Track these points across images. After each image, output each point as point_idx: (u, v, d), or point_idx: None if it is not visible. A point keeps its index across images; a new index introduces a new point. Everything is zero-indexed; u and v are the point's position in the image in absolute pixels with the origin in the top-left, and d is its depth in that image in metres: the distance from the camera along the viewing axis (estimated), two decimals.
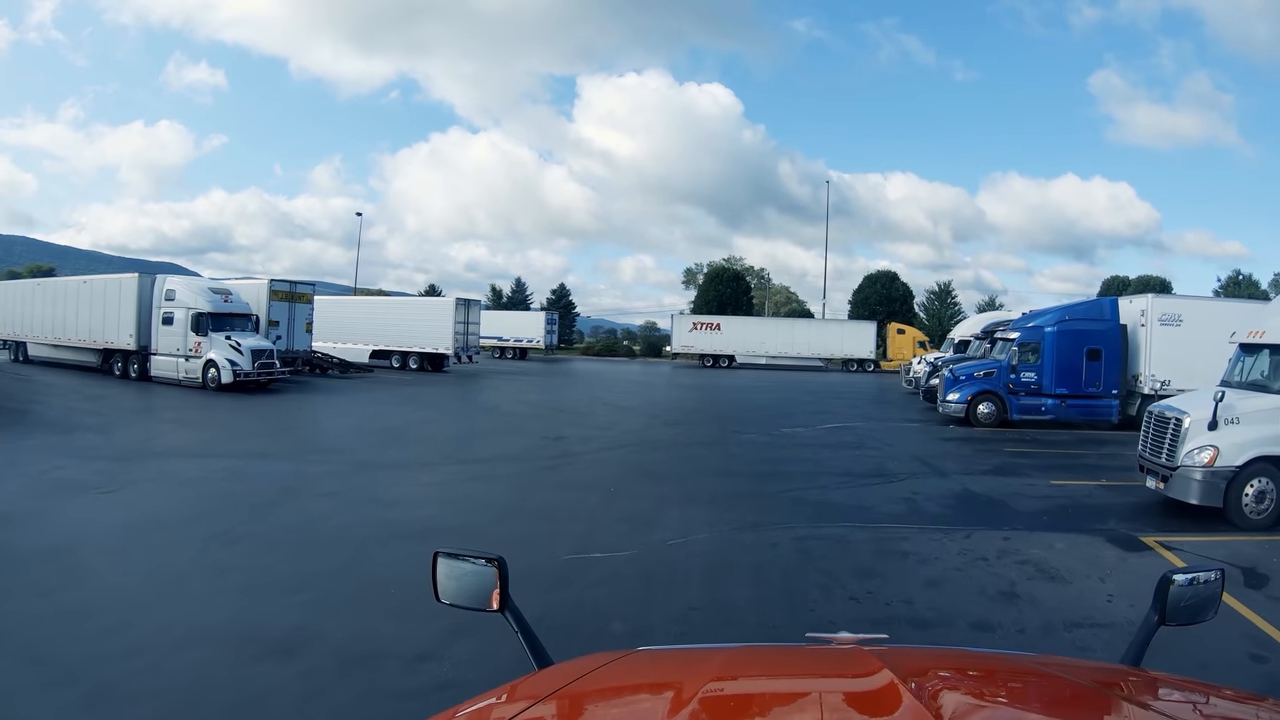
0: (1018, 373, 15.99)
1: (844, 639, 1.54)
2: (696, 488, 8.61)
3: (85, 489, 7.69)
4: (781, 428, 14.19)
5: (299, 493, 8.08)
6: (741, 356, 40.66)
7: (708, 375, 33.40)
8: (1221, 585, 1.58)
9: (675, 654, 1.60)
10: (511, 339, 44.05)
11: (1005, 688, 1.21)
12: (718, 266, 55.50)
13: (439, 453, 10.87)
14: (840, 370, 40.02)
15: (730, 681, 1.20)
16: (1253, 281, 52.10)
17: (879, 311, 47.93)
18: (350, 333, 32.13)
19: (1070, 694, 1.17)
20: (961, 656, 1.68)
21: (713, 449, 11.52)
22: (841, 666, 1.28)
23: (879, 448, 12.08)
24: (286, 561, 5.66)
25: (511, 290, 59.47)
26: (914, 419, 16.75)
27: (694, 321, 41.86)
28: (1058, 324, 16.22)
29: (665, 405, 18.26)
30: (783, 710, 1.09)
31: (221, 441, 11.84)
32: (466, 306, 30.07)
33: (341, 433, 13.08)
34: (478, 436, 12.48)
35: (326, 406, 16.95)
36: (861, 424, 15.22)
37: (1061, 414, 15.97)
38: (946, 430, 14.97)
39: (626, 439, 12.25)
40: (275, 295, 24.54)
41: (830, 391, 24.54)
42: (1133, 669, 1.39)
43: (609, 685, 1.22)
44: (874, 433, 13.92)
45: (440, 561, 1.60)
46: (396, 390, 20.97)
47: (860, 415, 16.93)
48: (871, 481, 9.33)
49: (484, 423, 14.67)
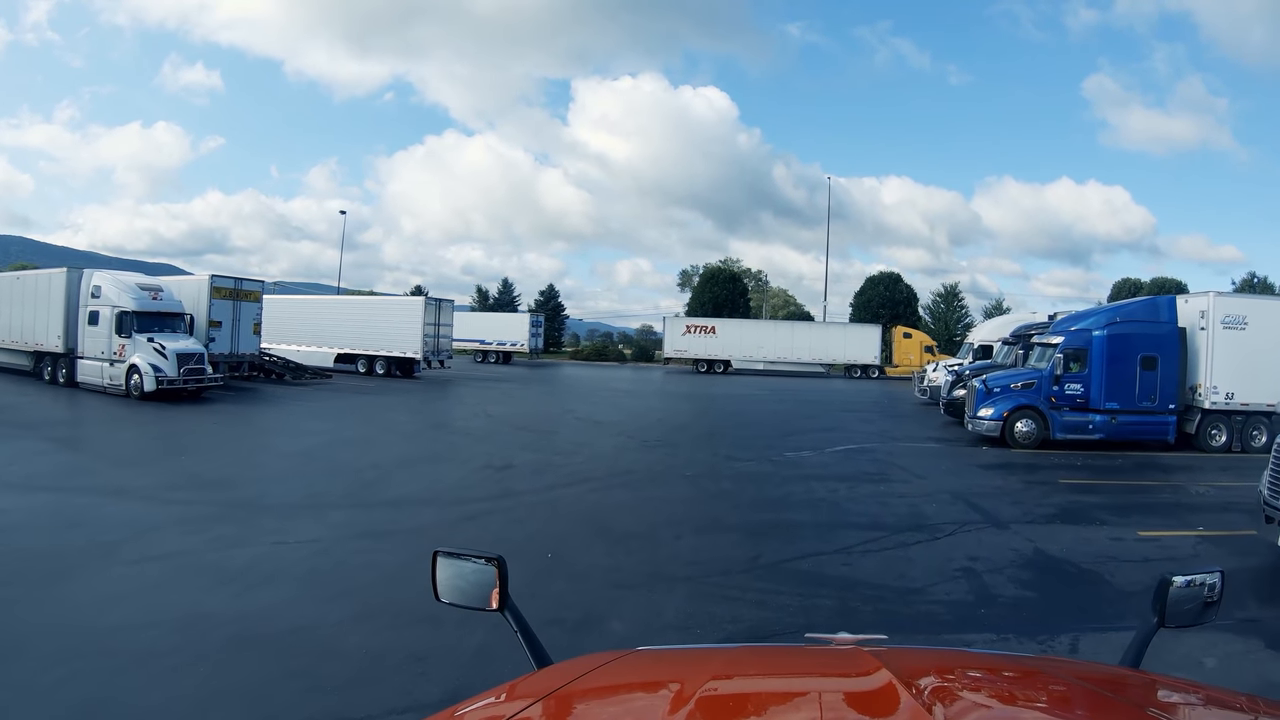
0: (1061, 384, 13.59)
1: (843, 639, 1.53)
2: (669, 555, 6.15)
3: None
4: (784, 450, 11.75)
5: (116, 553, 5.68)
6: (738, 362, 38.22)
7: (701, 382, 30.95)
8: (1222, 588, 1.53)
9: (675, 654, 1.58)
10: (494, 342, 41.58)
11: (1004, 688, 1.19)
12: (713, 268, 53.02)
13: (343, 489, 8.40)
14: (843, 377, 37.60)
15: (729, 681, 1.20)
16: (1268, 284, 49.89)
17: (882, 315, 45.57)
18: (314, 335, 29.76)
19: (1069, 695, 1.14)
20: (960, 657, 1.66)
21: (698, 485, 9.04)
22: (840, 666, 1.28)
23: (908, 480, 9.65)
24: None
25: (498, 291, 56.84)
26: (938, 437, 14.33)
27: (688, 324, 39.38)
28: (1107, 327, 13.83)
29: (649, 420, 15.79)
30: (782, 710, 1.08)
31: (86, 468, 9.40)
32: (438, 307, 27.60)
33: (243, 458, 10.61)
34: (406, 465, 10.00)
35: (250, 422, 14.47)
36: (879, 445, 12.79)
37: (1112, 432, 13.57)
38: (980, 453, 12.55)
39: (591, 469, 9.78)
40: (218, 293, 22.10)
41: (837, 402, 22.11)
42: (1132, 670, 1.40)
43: (608, 685, 1.21)
44: (896, 457, 11.49)
45: (440, 561, 1.59)
46: (346, 400, 18.48)
47: (875, 433, 14.50)
48: (909, 538, 6.87)
49: (424, 445, 12.19)
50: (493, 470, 9.61)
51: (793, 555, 6.22)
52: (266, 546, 6.08)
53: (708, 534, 6.87)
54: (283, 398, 18.80)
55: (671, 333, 39.27)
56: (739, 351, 38.03)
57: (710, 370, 37.97)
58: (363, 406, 17.00)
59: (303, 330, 29.91)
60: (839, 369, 38.60)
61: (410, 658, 3.99)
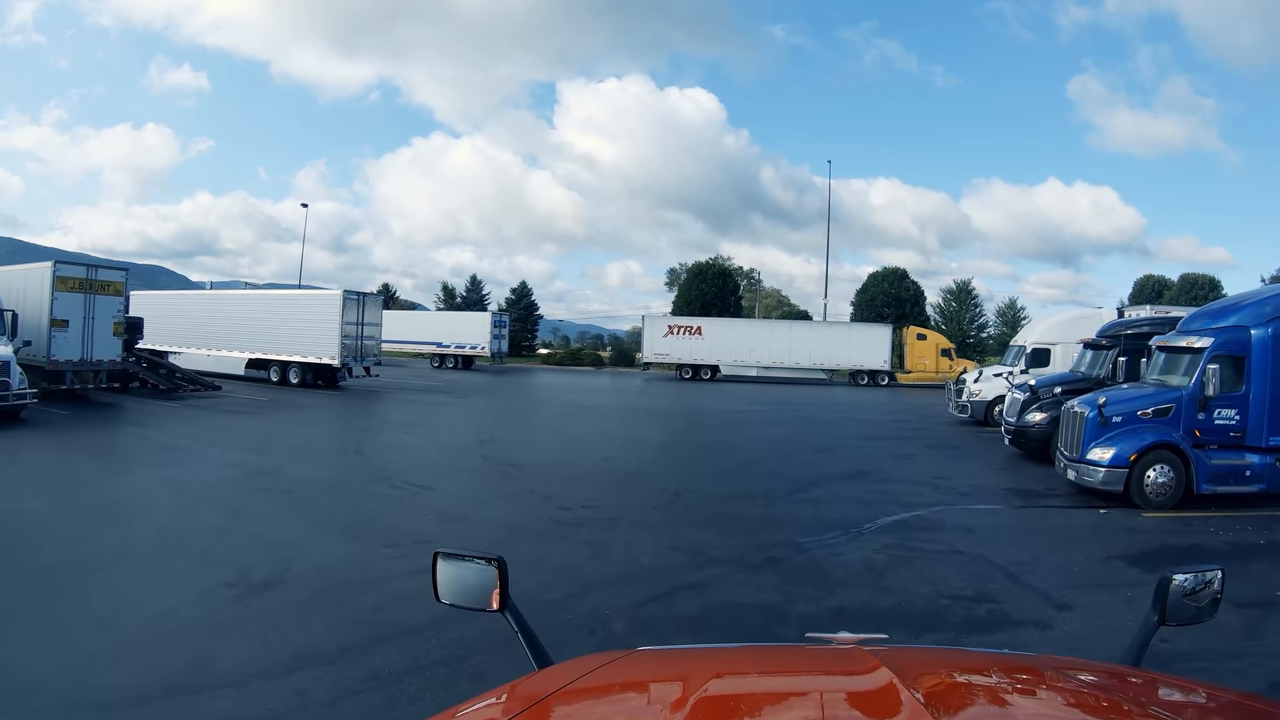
0: (1210, 410, 8.91)
1: (844, 639, 1.50)
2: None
3: None
4: (796, 527, 6.98)
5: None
6: (727, 367, 33.41)
7: (683, 393, 26.11)
8: (1222, 585, 1.53)
9: (675, 654, 1.56)
10: (452, 345, 36.68)
11: (1004, 688, 1.18)
12: (701, 263, 48.14)
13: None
14: (847, 384, 32.90)
15: (730, 681, 1.19)
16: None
17: (886, 314, 40.98)
18: (222, 338, 24.86)
19: (1069, 694, 1.13)
20: (961, 656, 1.68)
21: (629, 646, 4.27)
22: (841, 666, 1.27)
23: (1041, 616, 4.89)
24: None
25: (466, 288, 51.80)
26: (1019, 488, 9.60)
27: (670, 325, 34.54)
28: (1272, 321, 9.17)
29: (591, 460, 10.97)
30: (782, 710, 1.07)
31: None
32: (360, 302, 22.66)
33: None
34: (98, 570, 5.15)
35: (31, 463, 9.60)
36: (945, 511, 8.02)
37: (1276, 482, 8.93)
38: (1106, 520, 7.87)
39: (419, 597, 4.98)
40: (63, 284, 17.34)
41: (853, 420, 17.35)
42: (1132, 669, 1.38)
43: (608, 685, 1.20)
44: (985, 543, 6.71)
45: (440, 561, 1.57)
46: (198, 423, 13.58)
47: (927, 480, 9.73)
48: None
49: (196, 517, 7.09)
50: (230, 594, 4.79)
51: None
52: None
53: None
54: (131, 419, 14.09)
55: (651, 334, 34.39)
56: (728, 355, 33.24)
57: (695, 376, 33.18)
58: (202, 433, 12.13)
59: (210, 332, 25.04)
60: (843, 375, 33.89)
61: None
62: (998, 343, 48.22)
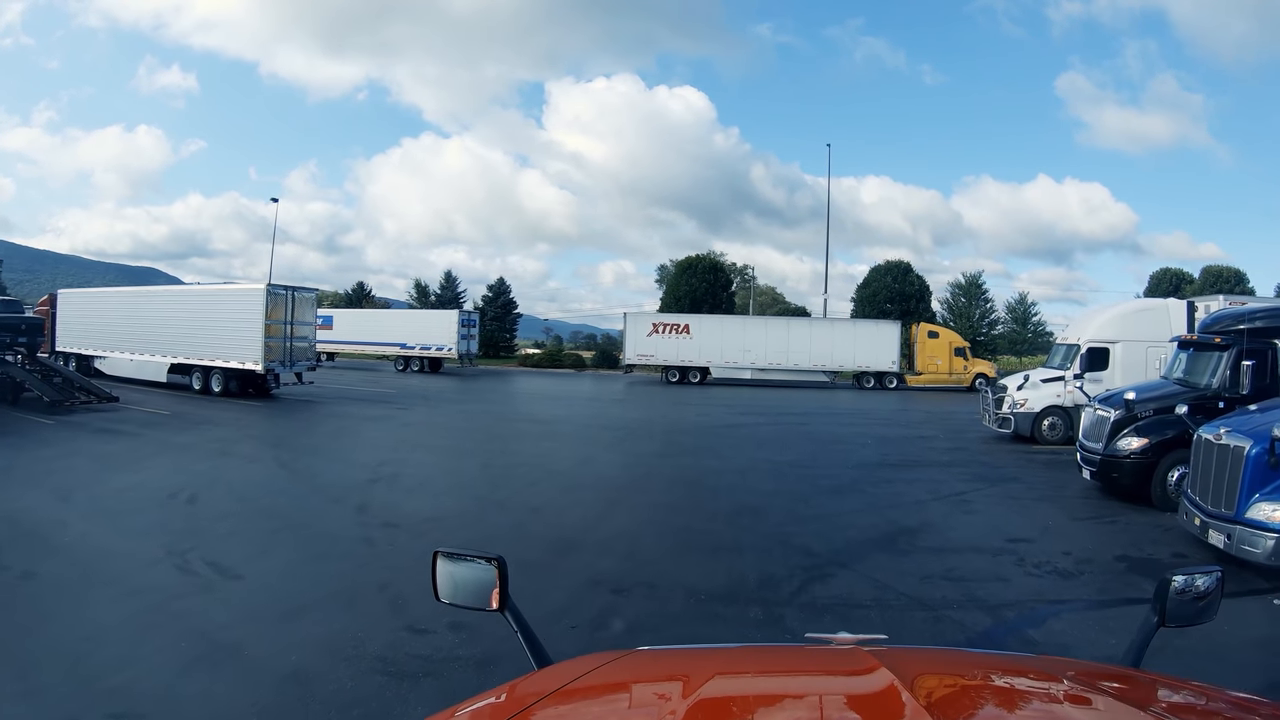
0: None
1: (843, 639, 1.49)
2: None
3: None
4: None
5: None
6: (718, 369, 30.29)
7: (669, 399, 23.01)
8: (1221, 586, 1.51)
9: (675, 653, 1.53)
10: (417, 346, 33.48)
11: (1004, 688, 1.17)
12: (691, 258, 44.98)
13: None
14: (851, 387, 29.85)
15: (729, 681, 1.18)
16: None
17: (890, 310, 38.02)
18: (142, 341, 21.68)
19: (1069, 695, 1.11)
20: (961, 657, 1.67)
21: None
22: (841, 666, 1.26)
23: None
24: None
25: (440, 286, 48.50)
26: (1139, 554, 6.51)
27: (654, 323, 31.40)
28: None
29: (514, 514, 7.79)
30: (781, 710, 1.07)
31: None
32: (289, 299, 19.45)
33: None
34: None
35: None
36: (1048, 611, 4.92)
37: None
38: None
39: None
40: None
41: (873, 438, 14.26)
42: (1132, 670, 1.37)
43: (608, 684, 1.19)
44: None
45: (440, 561, 1.55)
46: (24, 453, 10.40)
47: (1004, 545, 6.61)
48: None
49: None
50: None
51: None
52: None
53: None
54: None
55: (634, 333, 31.22)
56: (720, 356, 30.11)
57: (683, 379, 30.05)
58: (10, 468, 8.97)
59: (132, 335, 21.88)
60: (846, 377, 30.83)
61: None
62: (1008, 341, 45.30)
